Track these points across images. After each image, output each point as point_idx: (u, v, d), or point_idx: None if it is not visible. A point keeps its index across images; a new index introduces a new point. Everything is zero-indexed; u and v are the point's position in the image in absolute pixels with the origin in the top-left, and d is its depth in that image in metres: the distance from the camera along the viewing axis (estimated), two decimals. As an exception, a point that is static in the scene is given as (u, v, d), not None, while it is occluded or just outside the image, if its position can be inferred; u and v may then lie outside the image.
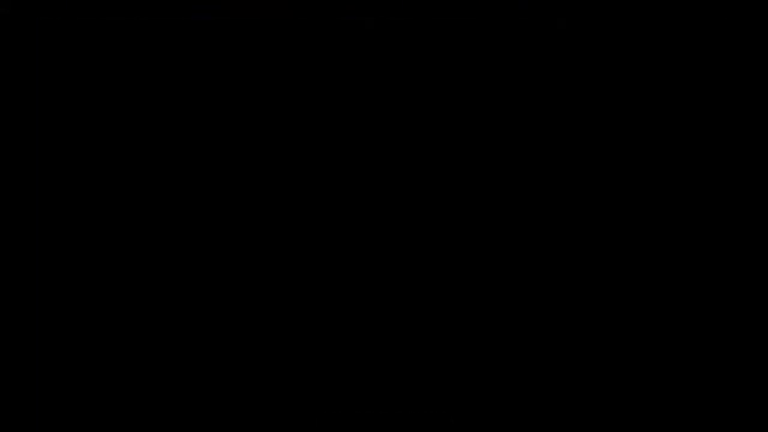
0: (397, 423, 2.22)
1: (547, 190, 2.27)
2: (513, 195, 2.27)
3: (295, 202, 2.28)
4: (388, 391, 2.24)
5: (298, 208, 2.28)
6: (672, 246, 2.25)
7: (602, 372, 2.23)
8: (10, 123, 2.27)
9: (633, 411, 2.21)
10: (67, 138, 2.27)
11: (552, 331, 2.24)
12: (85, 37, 2.28)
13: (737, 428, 2.19)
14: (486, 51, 2.29)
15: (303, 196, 2.28)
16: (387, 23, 2.29)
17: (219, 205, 2.27)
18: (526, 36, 2.28)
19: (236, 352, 2.25)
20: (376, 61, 2.29)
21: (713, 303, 2.23)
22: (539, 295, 2.25)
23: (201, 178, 2.28)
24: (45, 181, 2.26)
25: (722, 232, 2.24)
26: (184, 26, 2.29)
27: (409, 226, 2.27)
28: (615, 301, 2.24)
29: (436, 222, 2.27)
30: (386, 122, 2.29)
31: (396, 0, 2.30)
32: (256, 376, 2.24)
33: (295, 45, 2.29)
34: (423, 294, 2.26)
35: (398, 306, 2.26)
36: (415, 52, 2.29)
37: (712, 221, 2.25)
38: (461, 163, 2.28)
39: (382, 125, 2.29)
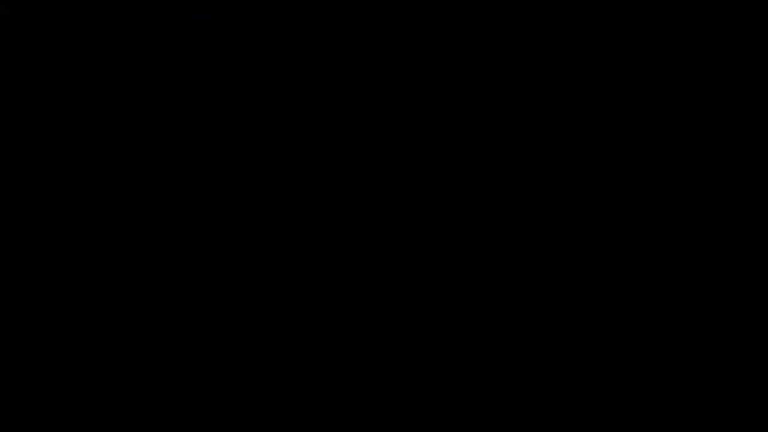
0: (397, 423, 2.22)
1: (546, 190, 2.27)
2: (513, 195, 2.27)
3: (295, 202, 2.28)
4: (388, 391, 2.24)
5: (297, 208, 2.28)
6: (672, 246, 2.25)
7: (602, 372, 2.23)
8: (10, 123, 2.27)
9: (633, 411, 2.21)
10: (67, 138, 2.27)
11: (552, 332, 2.24)
12: (85, 37, 2.28)
13: (737, 428, 2.20)
14: (486, 51, 2.29)
15: (303, 196, 2.28)
16: (387, 23, 2.29)
17: (219, 205, 2.27)
18: (526, 36, 2.28)
19: (236, 352, 2.25)
20: (376, 61, 2.29)
21: (713, 303, 2.23)
22: (539, 296, 2.25)
23: (201, 178, 2.28)
24: (45, 181, 2.26)
25: (722, 232, 2.25)
26: (184, 26, 2.29)
27: (408, 226, 2.27)
28: (615, 301, 2.24)
29: (435, 222, 2.27)
30: (386, 122, 2.29)
31: (396, 0, 2.30)
32: (256, 376, 2.24)
33: (295, 45, 2.30)
34: (422, 294, 2.26)
35: (398, 306, 2.26)
36: (415, 52, 2.29)
37: (711, 221, 2.25)
38: (461, 163, 2.28)
39: (382, 125, 2.29)
